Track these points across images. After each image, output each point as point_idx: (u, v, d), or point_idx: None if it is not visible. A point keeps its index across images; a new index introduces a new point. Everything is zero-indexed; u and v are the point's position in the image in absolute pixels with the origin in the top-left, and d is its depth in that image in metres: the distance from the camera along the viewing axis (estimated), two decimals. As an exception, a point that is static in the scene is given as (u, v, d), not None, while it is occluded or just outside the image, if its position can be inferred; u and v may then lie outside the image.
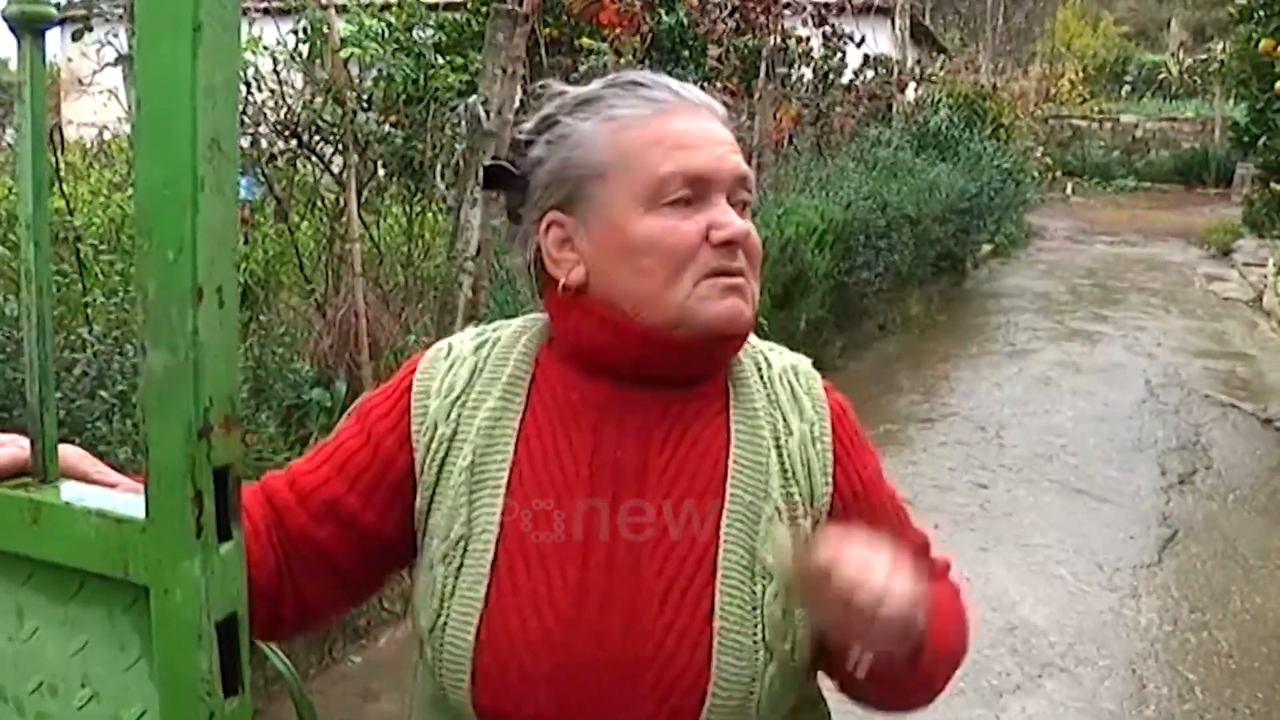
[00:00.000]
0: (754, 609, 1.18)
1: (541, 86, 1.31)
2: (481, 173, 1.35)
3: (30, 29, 0.91)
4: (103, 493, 0.97)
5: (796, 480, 1.24)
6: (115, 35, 12.77)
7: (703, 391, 1.26)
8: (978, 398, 7.84)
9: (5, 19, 0.91)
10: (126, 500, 0.94)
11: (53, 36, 0.95)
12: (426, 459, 1.26)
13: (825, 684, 1.34)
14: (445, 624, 1.21)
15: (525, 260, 1.30)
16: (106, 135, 10.21)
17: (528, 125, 1.28)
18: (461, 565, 1.21)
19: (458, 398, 1.27)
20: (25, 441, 1.05)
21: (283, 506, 1.27)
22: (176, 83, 0.79)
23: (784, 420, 1.27)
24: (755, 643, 1.17)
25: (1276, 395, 8.06)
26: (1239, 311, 11.36)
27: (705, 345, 1.22)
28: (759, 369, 1.30)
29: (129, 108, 13.72)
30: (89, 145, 10.39)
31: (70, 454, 1.09)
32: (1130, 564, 5.14)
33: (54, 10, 0.91)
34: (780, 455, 1.24)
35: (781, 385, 1.29)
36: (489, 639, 1.19)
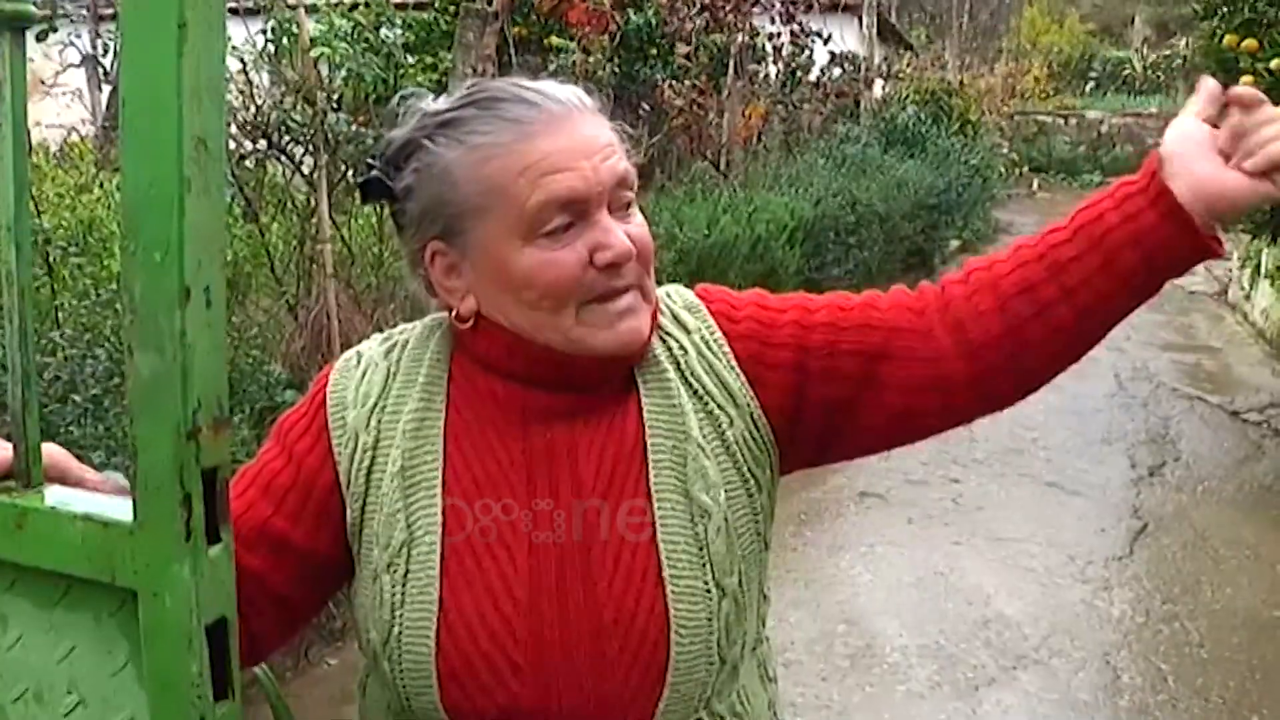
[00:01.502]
0: (700, 550, 1.19)
1: (402, 98, 1.26)
2: (358, 189, 1.28)
3: (10, 27, 0.90)
4: (89, 496, 0.96)
5: (709, 394, 1.25)
6: (78, 36, 12.64)
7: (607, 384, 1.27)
8: (949, 393, 7.84)
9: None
10: (113, 504, 0.93)
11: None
12: (352, 470, 1.24)
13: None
14: (400, 633, 1.19)
15: (420, 282, 1.27)
16: (74, 137, 10.12)
17: (393, 147, 1.23)
18: (408, 571, 1.20)
19: (375, 404, 1.25)
20: (4, 445, 1.04)
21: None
22: (162, 82, 0.78)
23: (679, 345, 1.27)
24: (706, 584, 1.19)
25: (1243, 388, 8.13)
26: (1205, 305, 11.44)
27: (606, 362, 1.22)
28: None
29: (92, 109, 13.58)
30: (51, 147, 10.29)
31: (55, 453, 1.08)
32: (1102, 556, 5.17)
33: (34, 9, 0.91)
34: (686, 382, 1.25)
35: (669, 320, 1.29)
36: (450, 640, 1.18)
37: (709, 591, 1.19)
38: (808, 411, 1.27)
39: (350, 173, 4.81)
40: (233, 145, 4.72)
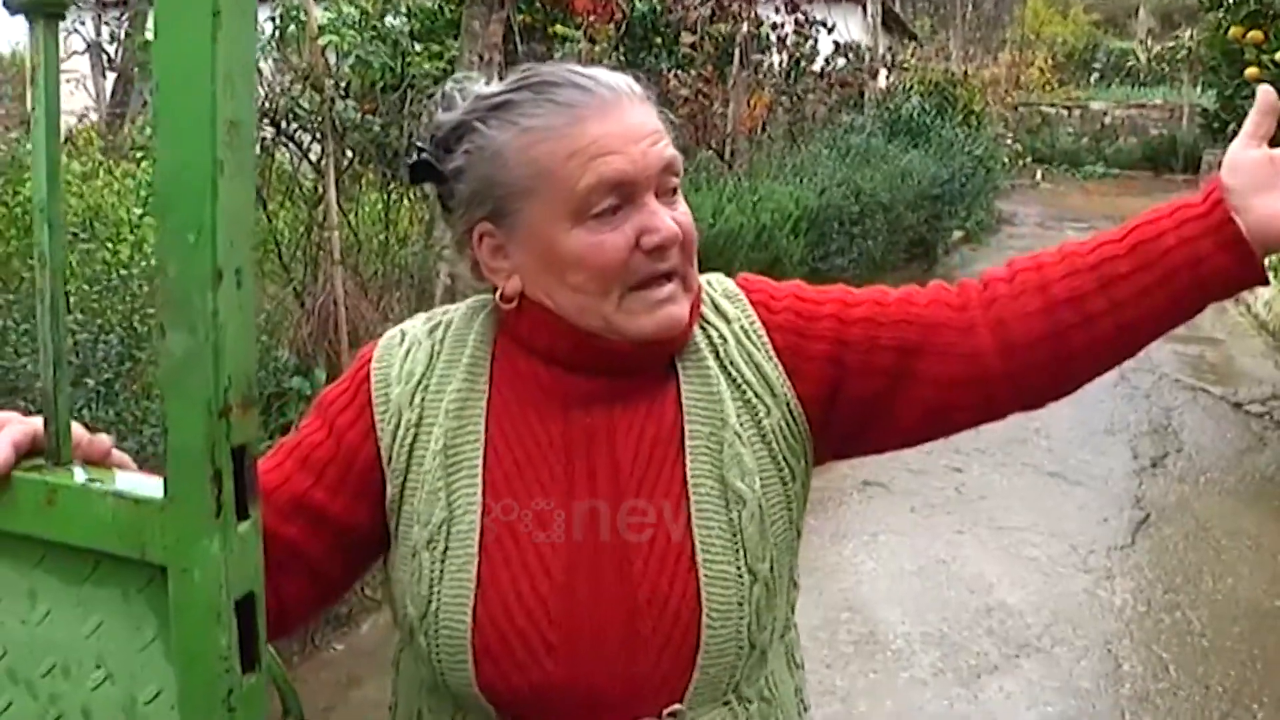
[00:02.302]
0: (734, 535, 1.21)
1: (454, 81, 1.28)
2: (407, 171, 1.28)
3: (44, 14, 0.91)
4: (118, 474, 0.98)
5: (747, 382, 1.26)
6: (82, 23, 12.65)
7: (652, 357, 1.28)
8: (951, 383, 7.87)
9: (15, 5, 0.92)
10: (142, 481, 0.95)
11: (18, 23, 0.96)
12: (394, 446, 1.26)
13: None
14: (438, 609, 1.21)
15: (466, 263, 1.29)
16: (84, 123, 10.13)
17: (443, 130, 1.24)
18: (447, 548, 1.22)
19: (419, 382, 1.27)
20: (23, 420, 1.05)
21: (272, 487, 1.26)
22: (196, 67, 0.80)
23: (719, 334, 1.28)
24: (739, 569, 1.21)
25: (1245, 379, 8.15)
26: (1208, 297, 11.45)
27: (645, 347, 1.24)
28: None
29: (96, 96, 13.59)
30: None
31: (82, 434, 1.09)
32: (1104, 546, 5.20)
33: (66, -5, 0.92)
34: (725, 370, 1.27)
35: (709, 308, 1.30)
36: (486, 617, 1.20)
37: (741, 577, 1.21)
38: (843, 404, 1.29)
39: (357, 160, 4.83)
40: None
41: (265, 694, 0.94)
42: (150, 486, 0.93)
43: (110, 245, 4.79)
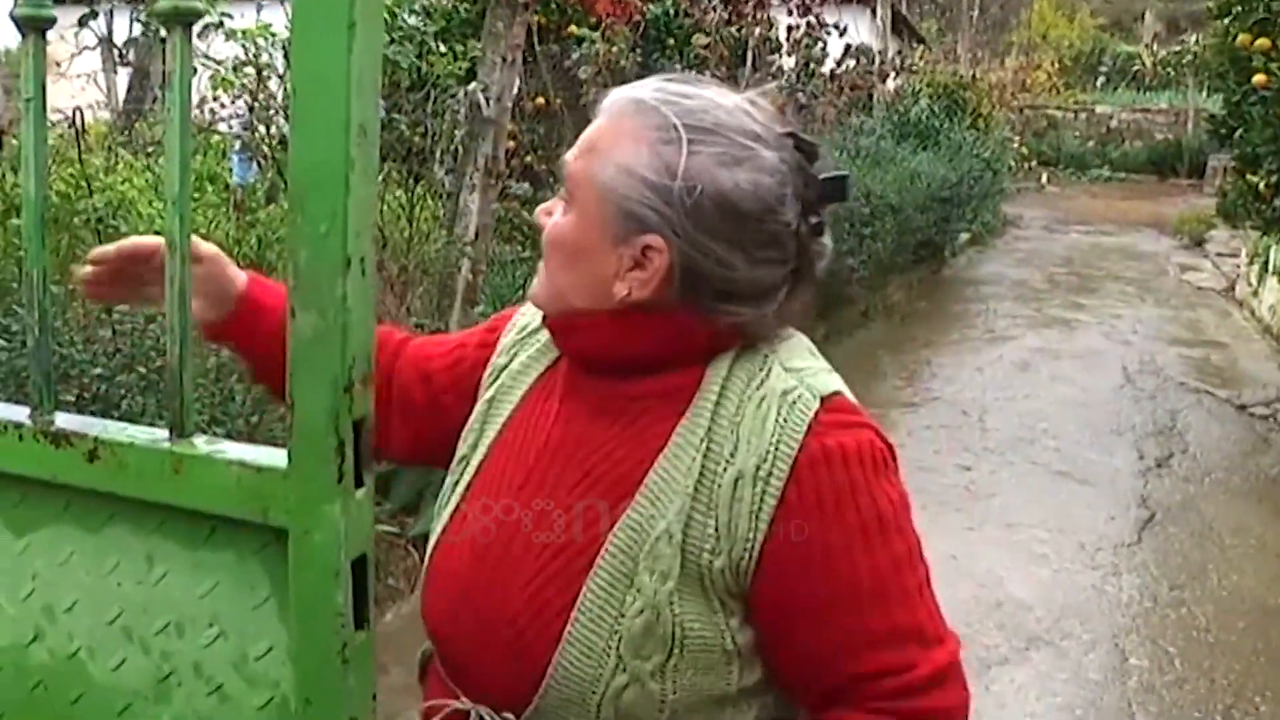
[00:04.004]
0: (616, 617, 1.18)
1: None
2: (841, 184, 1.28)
3: (181, 22, 1.00)
4: (236, 445, 1.06)
5: (715, 512, 1.17)
6: (95, 17, 12.68)
7: (662, 388, 1.24)
8: (960, 382, 7.97)
9: (160, 15, 1.00)
10: (262, 451, 1.03)
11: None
12: (484, 378, 1.41)
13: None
14: (437, 530, 1.37)
15: None
16: (97, 117, 10.17)
17: None
18: (457, 482, 1.36)
19: (519, 339, 1.41)
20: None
21: (401, 353, 1.50)
22: (332, 76, 0.88)
23: (733, 448, 1.19)
24: (607, 645, 1.18)
25: (1250, 382, 8.23)
26: (1212, 301, 11.53)
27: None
28: (747, 382, 1.22)
29: (108, 92, 13.61)
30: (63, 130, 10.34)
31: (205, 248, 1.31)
32: (1111, 543, 5.28)
33: (199, 4, 1.01)
34: (704, 480, 1.19)
35: (755, 408, 1.20)
36: (436, 556, 1.35)
37: (607, 656, 1.19)
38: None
39: (380, 159, 4.89)
40: (274, 129, 4.80)
41: (373, 651, 1.03)
42: (271, 456, 1.02)
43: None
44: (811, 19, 10.12)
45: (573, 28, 7.62)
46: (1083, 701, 3.93)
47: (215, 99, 5.13)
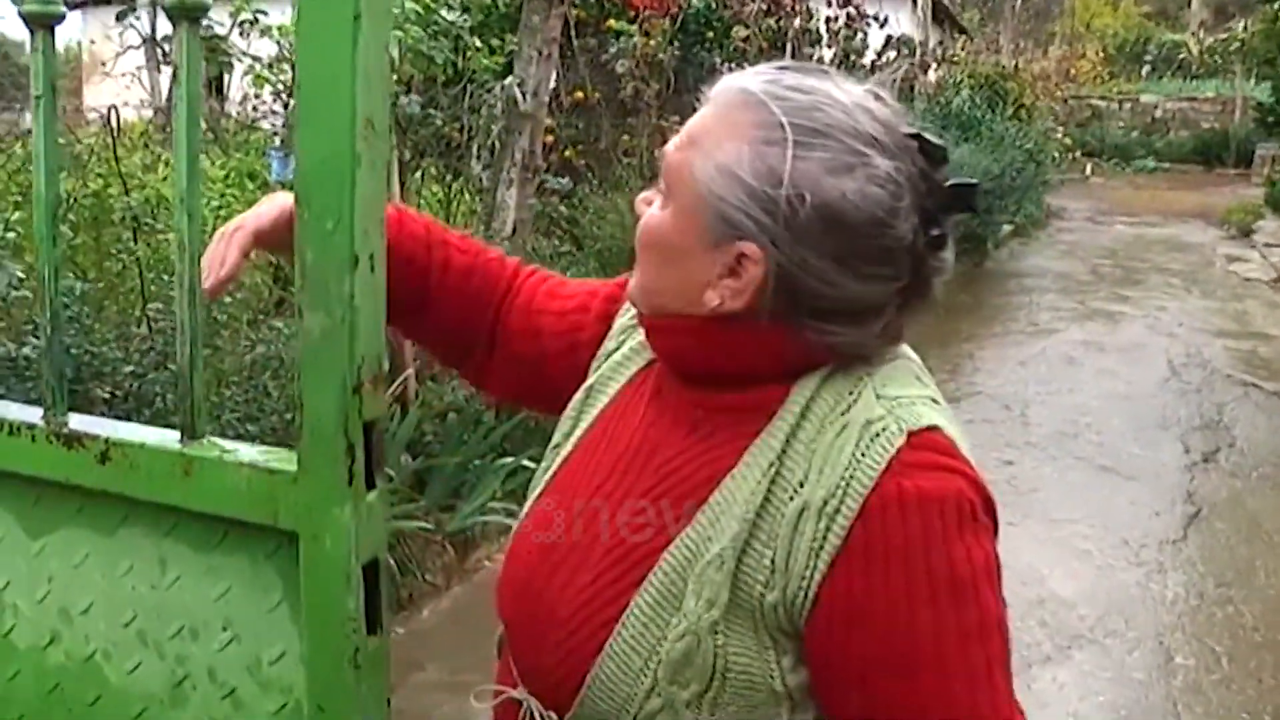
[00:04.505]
0: (658, 638, 1.12)
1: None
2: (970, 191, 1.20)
3: (187, 17, 0.98)
4: (248, 447, 1.05)
5: (774, 543, 1.09)
6: (138, 18, 12.82)
7: (744, 403, 1.17)
8: (1002, 376, 7.89)
9: (167, 9, 0.98)
10: (273, 453, 1.02)
11: (74, 19, 1.07)
12: (594, 358, 1.37)
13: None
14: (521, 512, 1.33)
15: None
16: (139, 117, 10.27)
17: None
18: (547, 468, 1.33)
19: (630, 324, 1.35)
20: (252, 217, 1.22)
21: (515, 293, 1.45)
22: (338, 69, 0.86)
23: (803, 477, 1.10)
24: (644, 665, 1.13)
25: (1299, 374, 8.10)
26: (1260, 292, 11.37)
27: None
28: (833, 405, 1.13)
29: (151, 90, 13.76)
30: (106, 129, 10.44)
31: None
32: (1156, 539, 5.20)
33: None
34: (768, 508, 1.10)
35: (834, 436, 1.10)
36: (513, 541, 1.31)
37: (643, 676, 1.13)
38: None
39: (418, 154, 4.90)
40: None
41: (388, 657, 1.01)
42: (281, 459, 1.00)
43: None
44: (851, 10, 10.04)
45: (611, 21, 7.60)
46: (1127, 701, 3.87)
47: (257, 96, 5.15)
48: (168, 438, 1.07)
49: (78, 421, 1.12)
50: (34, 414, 1.13)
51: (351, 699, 0.98)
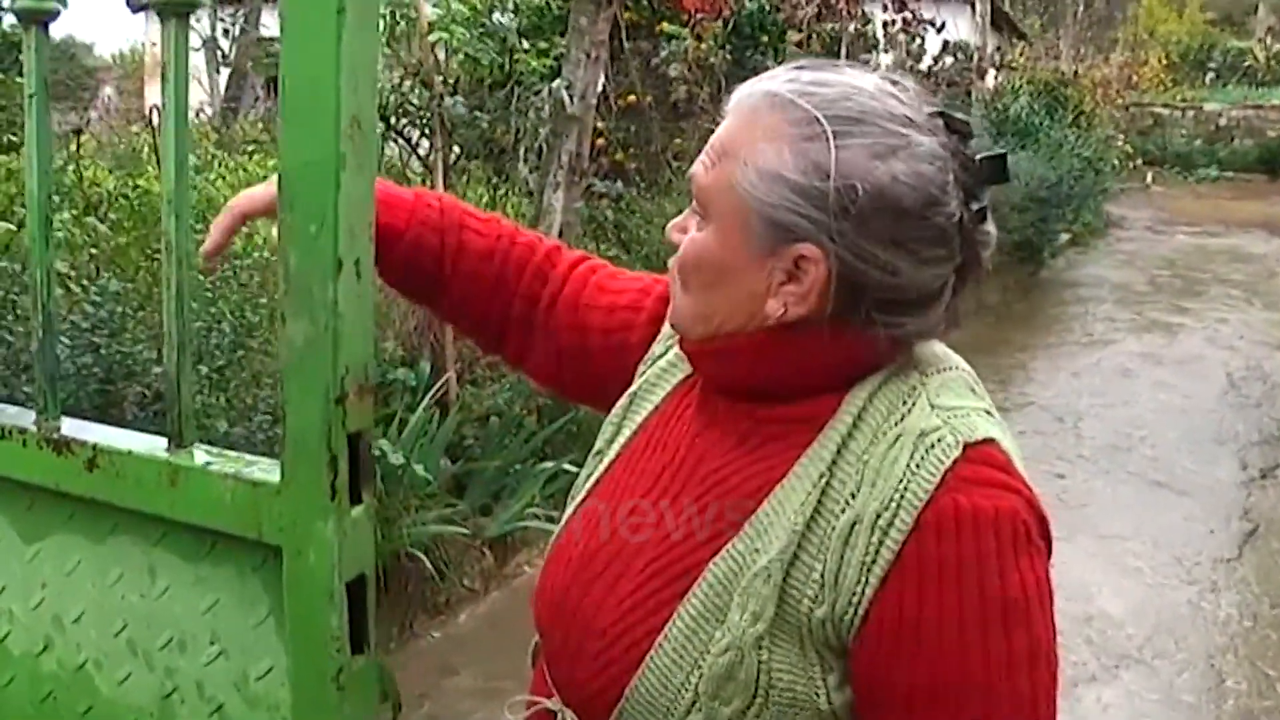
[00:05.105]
0: (701, 652, 1.09)
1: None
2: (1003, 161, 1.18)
3: (175, 12, 0.95)
4: (236, 456, 1.01)
5: (824, 556, 1.06)
6: (197, 20, 13.02)
7: (796, 414, 1.13)
8: (1055, 387, 7.76)
9: (135, 4, 0.95)
10: (260, 464, 0.98)
11: (138, 20, 1.04)
12: (641, 360, 1.34)
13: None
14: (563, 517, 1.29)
15: None
16: (199, 118, 10.37)
17: None
18: (590, 474, 1.29)
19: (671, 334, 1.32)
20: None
21: (562, 281, 1.42)
22: (321, 64, 0.83)
23: (855, 488, 1.07)
24: (686, 680, 1.10)
25: (1363, 390, 7.91)
26: (1323, 304, 11.14)
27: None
28: (886, 415, 1.10)
29: (210, 91, 13.92)
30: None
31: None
32: (1209, 558, 5.08)
33: (198, -6, 0.96)
34: (818, 520, 1.07)
35: (888, 447, 1.07)
36: (554, 548, 1.27)
37: (684, 690, 1.10)
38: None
39: (464, 155, 4.90)
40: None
41: (374, 677, 0.97)
42: (267, 469, 0.97)
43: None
44: (907, 14, 9.95)
45: (664, 24, 7.56)
46: (1175, 723, 3.78)
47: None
48: (155, 445, 1.04)
49: (69, 426, 1.09)
50: (26, 417, 1.11)
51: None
